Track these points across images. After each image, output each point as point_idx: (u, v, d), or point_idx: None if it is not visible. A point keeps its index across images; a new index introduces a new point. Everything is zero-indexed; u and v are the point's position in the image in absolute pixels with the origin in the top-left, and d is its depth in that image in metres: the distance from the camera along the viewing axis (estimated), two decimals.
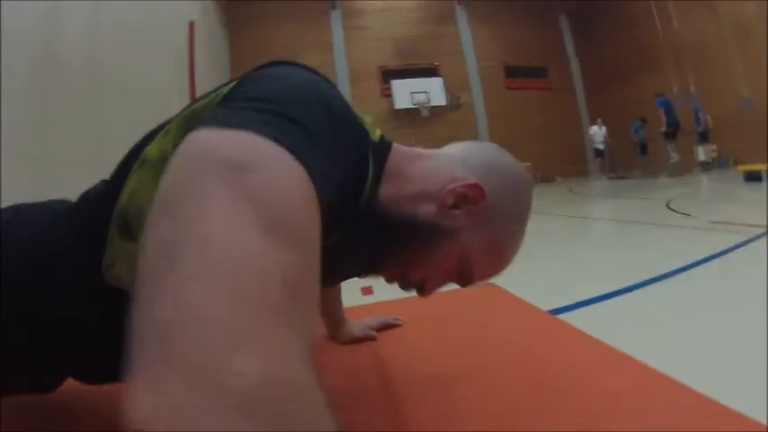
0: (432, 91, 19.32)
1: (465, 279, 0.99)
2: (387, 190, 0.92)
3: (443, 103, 19.39)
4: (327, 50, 19.67)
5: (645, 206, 7.75)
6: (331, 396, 0.39)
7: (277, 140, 0.50)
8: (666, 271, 3.17)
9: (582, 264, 4.18)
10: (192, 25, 6.23)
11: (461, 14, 20.63)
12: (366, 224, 0.90)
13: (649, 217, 6.37)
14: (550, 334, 1.48)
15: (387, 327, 1.68)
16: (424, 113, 19.27)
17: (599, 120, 17.14)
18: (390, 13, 20.33)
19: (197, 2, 14.05)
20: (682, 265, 3.29)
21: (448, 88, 19.51)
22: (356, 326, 1.64)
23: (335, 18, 20.08)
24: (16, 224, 0.87)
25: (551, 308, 2.40)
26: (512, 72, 20.48)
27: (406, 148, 1.00)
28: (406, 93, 19.22)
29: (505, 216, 0.95)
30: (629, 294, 2.79)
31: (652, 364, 1.11)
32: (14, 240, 0.83)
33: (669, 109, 13.68)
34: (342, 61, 19.66)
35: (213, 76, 14.84)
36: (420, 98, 19.19)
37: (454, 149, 1.00)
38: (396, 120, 19.22)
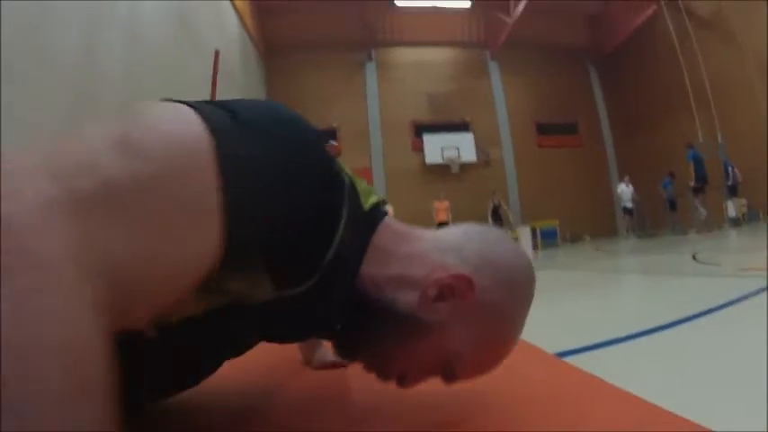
0: (462, 147, 19.71)
1: (448, 378, 0.93)
2: (368, 267, 0.88)
3: (474, 159, 19.78)
4: (361, 102, 20.34)
5: (671, 259, 7.70)
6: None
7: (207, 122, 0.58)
8: (690, 314, 3.07)
9: (600, 309, 4.13)
10: (216, 54, 6.96)
11: (494, 69, 21.24)
12: (343, 301, 0.87)
13: (675, 268, 6.36)
14: (545, 372, 1.38)
15: None
16: (454, 169, 19.62)
17: (626, 177, 16.93)
18: (424, 67, 21.00)
19: (237, 53, 15.05)
20: (705, 308, 3.17)
21: (478, 144, 19.92)
22: (328, 351, 1.55)
23: (370, 70, 20.81)
24: None
25: (564, 349, 2.40)
26: (543, 129, 20.84)
27: (398, 226, 0.96)
28: (437, 148, 19.63)
29: (497, 315, 0.89)
30: (649, 337, 2.71)
31: (672, 403, 0.99)
32: None
33: (699, 162, 13.64)
34: (375, 113, 20.25)
35: None
36: (451, 154, 19.59)
37: (451, 235, 0.95)
38: (426, 175, 19.64)
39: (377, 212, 0.94)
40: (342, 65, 20.40)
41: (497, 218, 16.49)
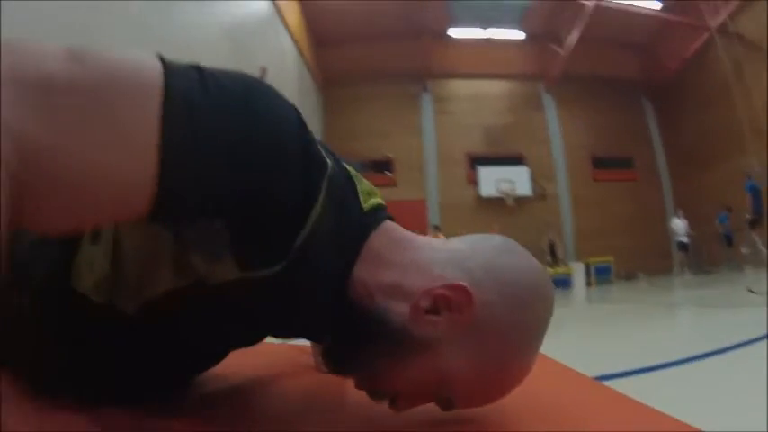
0: (517, 180, 19.87)
1: (444, 405, 0.84)
2: (361, 272, 0.82)
3: (529, 194, 19.95)
4: (417, 134, 20.81)
5: (726, 293, 7.84)
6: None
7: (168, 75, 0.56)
8: (737, 342, 3.11)
9: (644, 338, 4.23)
10: (263, 71, 7.35)
11: (549, 102, 21.48)
12: (330, 303, 0.82)
13: (728, 301, 6.41)
14: (572, 389, 1.26)
15: None
16: (509, 203, 19.74)
17: (680, 211, 17.08)
18: (479, 100, 21.38)
19: (295, 83, 15.75)
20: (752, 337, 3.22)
21: (534, 178, 20.09)
22: None
23: (426, 102, 21.31)
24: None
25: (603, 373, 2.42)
26: (598, 163, 20.84)
27: (399, 231, 0.89)
28: (491, 181, 19.84)
29: (501, 335, 0.79)
30: (691, 364, 2.75)
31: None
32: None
33: (756, 193, 13.57)
34: (431, 145, 20.69)
35: None
36: (505, 187, 19.74)
37: (457, 244, 0.88)
38: (480, 207, 19.91)
39: (377, 214, 0.89)
40: (397, 97, 20.92)
41: (552, 253, 16.79)
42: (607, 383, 1.34)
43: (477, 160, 20.45)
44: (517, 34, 21.53)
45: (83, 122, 0.51)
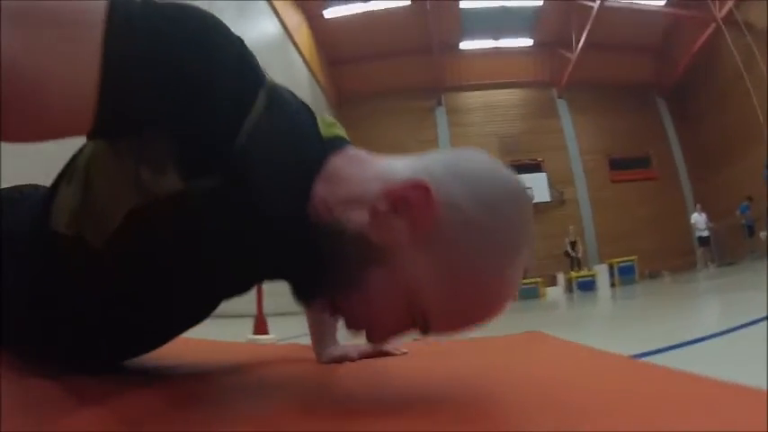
0: (536, 187, 19.77)
1: (421, 325, 0.79)
2: (320, 190, 0.80)
3: (548, 200, 20.27)
4: (433, 147, 20.23)
5: (749, 278, 8.05)
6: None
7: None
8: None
9: (670, 321, 4.34)
10: None
11: (563, 107, 21.82)
12: (288, 225, 0.80)
13: (752, 285, 6.51)
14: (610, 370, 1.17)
15: (379, 354, 1.52)
16: None
17: (698, 205, 17.00)
18: (493, 110, 21.81)
19: (308, 103, 16.45)
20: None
21: (551, 184, 20.44)
22: (343, 346, 1.51)
23: (440, 115, 21.83)
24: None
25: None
26: (616, 164, 21.06)
27: (362, 152, 0.88)
28: None
29: (469, 235, 0.73)
30: (722, 338, 2.71)
31: None
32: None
33: None
34: None
35: None
36: None
37: (419, 155, 0.83)
38: None
39: (339, 141, 0.89)
40: (412, 111, 21.39)
41: (575, 252, 17.08)
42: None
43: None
44: (527, 42, 22.02)
45: (41, 41, 0.58)
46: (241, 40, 0.72)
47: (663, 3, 19.23)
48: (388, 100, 21.25)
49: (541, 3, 19.99)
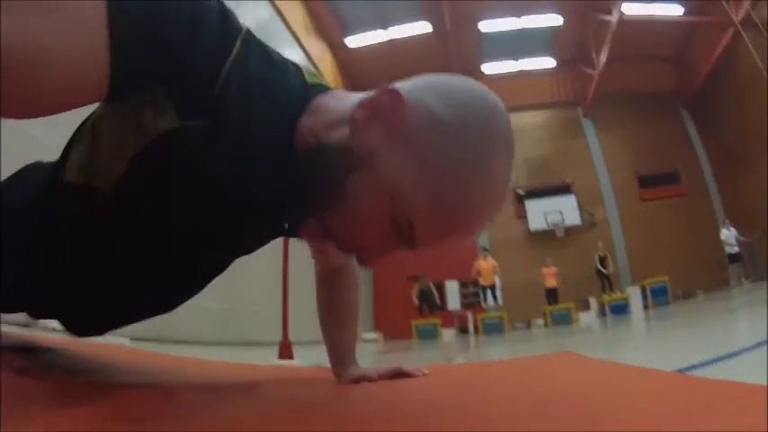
0: (565, 210, 20.19)
1: (407, 235, 0.84)
2: (306, 122, 0.89)
3: (578, 222, 20.23)
4: None
5: None
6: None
7: None
8: None
9: (706, 336, 4.26)
10: None
11: (588, 126, 21.79)
12: (280, 158, 0.88)
13: None
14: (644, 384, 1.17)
15: (399, 375, 1.54)
16: (559, 234, 20.11)
17: (726, 220, 16.59)
18: (519, 133, 20.05)
19: None
20: None
21: (581, 206, 20.33)
22: (363, 368, 1.55)
23: None
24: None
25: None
26: (645, 182, 20.79)
27: (345, 91, 0.98)
28: (540, 214, 20.28)
29: (445, 134, 0.79)
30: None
31: None
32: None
33: None
34: None
35: None
36: (554, 218, 20.09)
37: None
38: (531, 242, 20.35)
39: (324, 86, 0.97)
40: None
41: (604, 268, 16.89)
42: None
43: (523, 194, 20.79)
44: (548, 62, 22.19)
45: (50, 22, 0.67)
46: (220, 2, 0.82)
47: (680, 11, 19.16)
48: None
49: (561, 22, 20.12)
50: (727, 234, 15.89)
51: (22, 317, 1.16)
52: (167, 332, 5.67)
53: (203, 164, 0.83)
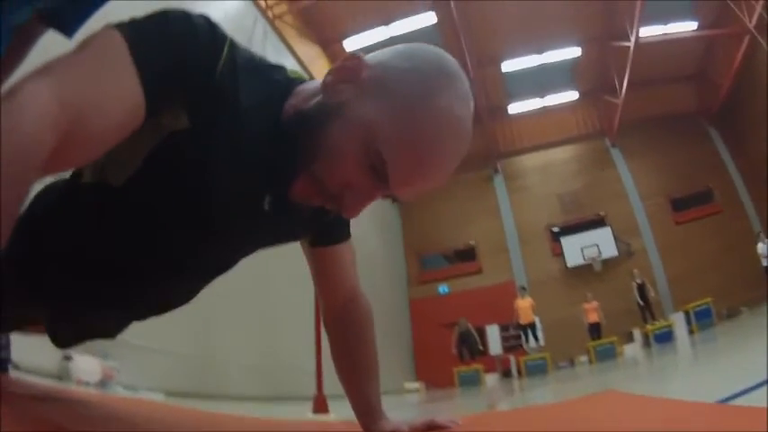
0: (601, 243, 20.03)
1: (381, 172, 0.96)
2: (291, 101, 1.07)
3: (615, 254, 20.26)
4: (494, 216, 21.71)
5: None
6: None
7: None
8: None
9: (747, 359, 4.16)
10: None
11: (617, 155, 21.81)
12: (268, 133, 1.03)
13: None
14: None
15: (432, 427, 1.47)
16: (597, 267, 19.93)
17: (761, 234, 16.27)
18: (549, 169, 22.13)
19: None
20: None
21: (617, 237, 20.16)
22: (393, 422, 1.47)
23: (499, 183, 22.34)
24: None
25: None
26: (678, 205, 20.93)
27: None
28: (576, 249, 20.19)
29: (404, 87, 0.95)
30: None
31: None
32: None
33: None
34: (510, 224, 21.51)
35: (387, 255, 17.65)
36: (591, 253, 19.97)
37: None
38: (569, 279, 20.24)
39: (303, 79, 1.14)
40: (470, 183, 21.56)
41: (644, 298, 16.63)
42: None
43: (558, 231, 21.01)
44: (571, 95, 22.53)
45: (96, 84, 0.84)
46: (206, 17, 0.98)
47: (694, 26, 19.30)
48: None
49: (579, 53, 20.43)
50: (764, 248, 15.73)
51: (55, 369, 1.24)
52: (201, 387, 5.75)
53: (204, 150, 0.99)
